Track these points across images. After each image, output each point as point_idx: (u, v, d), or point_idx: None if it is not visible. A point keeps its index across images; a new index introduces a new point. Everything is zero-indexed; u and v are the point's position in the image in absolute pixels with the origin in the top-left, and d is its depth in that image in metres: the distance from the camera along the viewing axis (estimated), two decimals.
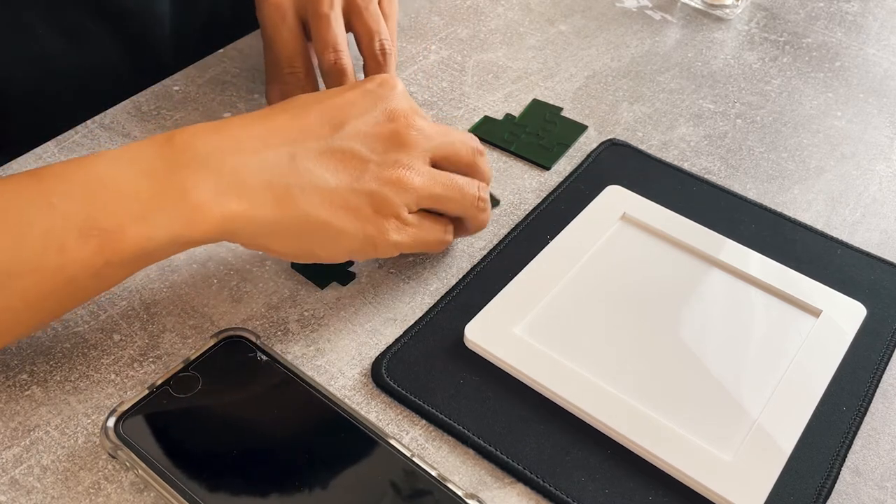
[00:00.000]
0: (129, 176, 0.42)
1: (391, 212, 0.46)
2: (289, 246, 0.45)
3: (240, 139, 0.44)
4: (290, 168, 0.44)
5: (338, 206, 0.45)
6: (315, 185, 0.44)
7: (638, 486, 0.43)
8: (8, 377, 0.46)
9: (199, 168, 0.42)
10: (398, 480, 0.41)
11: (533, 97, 0.66)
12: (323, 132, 0.46)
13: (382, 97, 0.48)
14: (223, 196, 0.42)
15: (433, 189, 0.47)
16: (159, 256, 0.43)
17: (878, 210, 0.59)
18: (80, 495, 0.41)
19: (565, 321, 0.49)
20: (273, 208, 0.43)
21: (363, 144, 0.46)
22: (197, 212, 0.42)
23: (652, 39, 0.73)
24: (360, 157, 0.46)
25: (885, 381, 0.49)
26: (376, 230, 0.46)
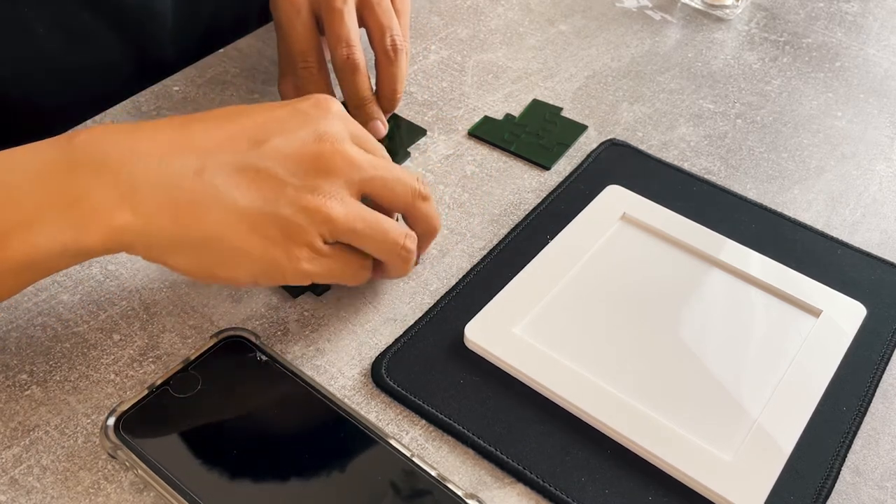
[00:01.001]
0: (21, 178, 0.40)
1: (303, 240, 0.43)
2: (187, 264, 0.42)
3: (146, 144, 0.41)
4: (195, 181, 0.41)
5: (244, 228, 0.41)
6: (221, 202, 0.41)
7: (638, 486, 0.43)
8: (8, 377, 0.46)
9: (94, 173, 0.40)
10: (398, 480, 0.41)
11: (533, 97, 0.66)
12: (240, 147, 0.42)
13: (314, 118, 0.44)
14: (117, 205, 0.40)
15: (353, 224, 0.44)
16: (51, 266, 0.40)
17: (879, 210, 0.59)
18: (80, 495, 0.41)
19: (565, 321, 0.49)
20: (169, 222, 0.40)
21: (282, 166, 0.42)
22: (87, 220, 0.39)
23: (652, 39, 0.73)
24: (276, 179, 0.42)
25: (885, 381, 0.49)
26: (286, 257, 0.42)
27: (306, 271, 0.43)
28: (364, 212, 0.44)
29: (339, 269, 0.45)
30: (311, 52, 0.56)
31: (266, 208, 0.42)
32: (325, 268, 0.44)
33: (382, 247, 0.46)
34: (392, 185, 0.46)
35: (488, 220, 0.56)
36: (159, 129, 0.42)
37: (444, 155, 0.61)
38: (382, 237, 0.45)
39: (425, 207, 0.48)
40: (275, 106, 0.45)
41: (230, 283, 0.44)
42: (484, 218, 0.56)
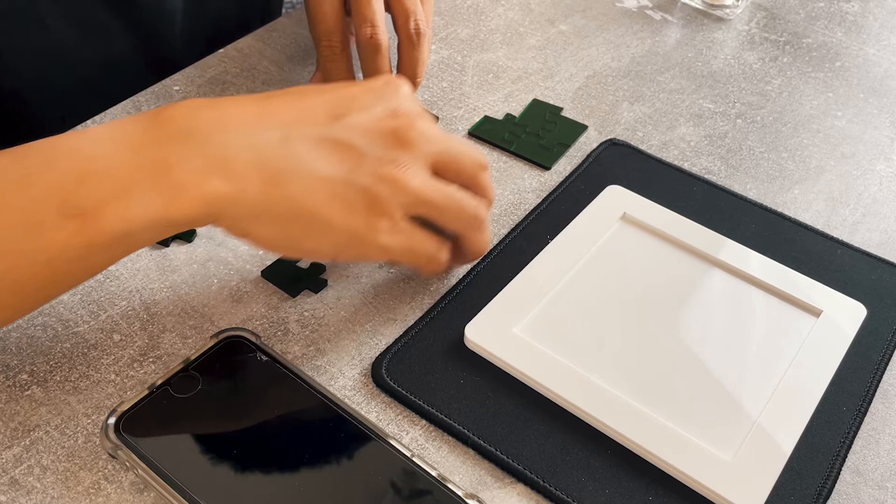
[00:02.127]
0: (111, 152, 0.40)
1: (384, 211, 0.43)
2: (273, 234, 0.43)
3: (231, 117, 0.42)
4: (282, 151, 0.42)
5: (328, 197, 0.42)
6: (307, 171, 0.42)
7: (638, 486, 0.43)
8: (8, 377, 0.46)
9: (183, 144, 0.40)
10: (398, 480, 0.41)
11: (533, 97, 0.66)
12: (320, 119, 0.44)
13: (386, 95, 0.46)
14: (207, 174, 0.40)
15: (430, 195, 0.45)
16: (142, 240, 0.41)
17: (879, 210, 0.59)
18: (80, 495, 0.41)
19: (565, 321, 0.49)
20: (260, 191, 0.41)
21: (361, 138, 0.44)
22: (179, 190, 0.39)
23: (652, 39, 0.73)
24: (356, 150, 0.43)
25: (886, 381, 0.49)
26: (366, 228, 0.43)
27: (386, 245, 0.44)
28: (438, 184, 0.45)
29: (417, 247, 0.46)
30: (336, 32, 0.57)
31: (348, 177, 0.43)
32: (403, 243, 0.45)
33: (460, 217, 0.47)
34: (461, 158, 0.47)
35: (488, 220, 0.56)
36: (242, 103, 0.43)
37: None
38: (459, 207, 0.46)
39: (486, 178, 0.49)
40: (348, 85, 0.47)
41: (313, 255, 0.45)
42: None
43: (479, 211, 0.47)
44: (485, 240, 0.49)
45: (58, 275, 0.40)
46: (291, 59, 0.67)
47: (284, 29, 0.70)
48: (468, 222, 0.47)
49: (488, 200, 0.49)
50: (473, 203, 0.47)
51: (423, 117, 0.46)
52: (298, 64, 0.67)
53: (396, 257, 0.45)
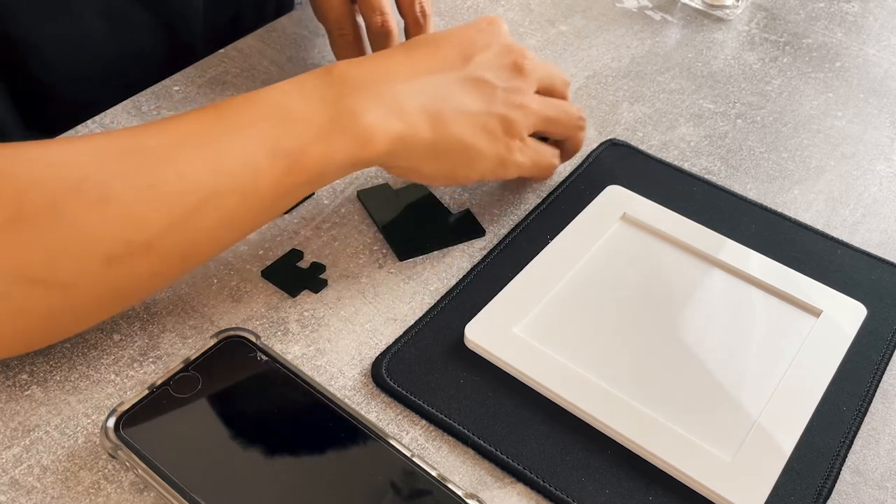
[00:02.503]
0: (303, 104, 0.46)
1: (517, 133, 0.51)
2: (437, 167, 0.50)
3: (390, 69, 0.49)
4: (438, 94, 0.49)
5: (479, 128, 0.50)
6: (460, 109, 0.49)
7: (638, 486, 0.43)
8: (8, 377, 0.46)
9: (363, 95, 0.46)
10: (398, 480, 0.41)
11: None
12: (458, 63, 0.51)
13: (496, 34, 0.53)
14: (388, 119, 0.46)
15: (548, 112, 0.53)
16: (333, 177, 0.47)
17: (879, 210, 0.59)
18: (80, 495, 0.41)
19: (565, 321, 0.49)
20: (429, 130, 0.48)
21: (491, 72, 0.51)
22: (368, 133, 0.46)
23: (652, 40, 0.73)
24: (491, 85, 0.51)
25: (886, 381, 0.49)
26: (506, 150, 0.51)
27: (521, 162, 0.52)
28: (549, 100, 0.54)
29: (542, 159, 0.54)
30: (346, 20, 0.60)
31: (489, 108, 0.50)
32: (532, 157, 0.53)
33: (569, 124, 0.55)
34: (555, 79, 0.56)
35: (488, 220, 0.56)
36: (392, 58, 0.50)
37: None
38: (568, 116, 0.55)
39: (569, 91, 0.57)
40: (461, 29, 0.53)
41: (464, 181, 0.52)
42: (484, 218, 0.56)
43: (580, 113, 0.56)
44: (583, 137, 0.57)
45: (266, 210, 0.46)
46: (291, 60, 0.67)
47: (284, 29, 0.70)
48: (574, 125, 0.56)
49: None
50: (574, 108, 0.56)
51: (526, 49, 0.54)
52: (298, 64, 0.67)
53: (526, 172, 0.54)
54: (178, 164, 0.42)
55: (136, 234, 0.41)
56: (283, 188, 0.45)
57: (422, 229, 0.55)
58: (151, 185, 0.42)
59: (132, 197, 0.41)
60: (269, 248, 0.53)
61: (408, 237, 0.54)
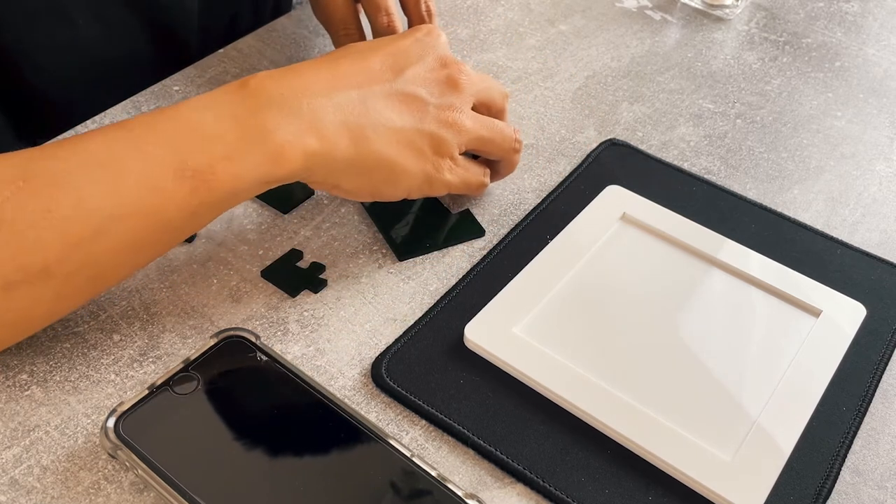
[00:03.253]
0: (214, 120, 0.44)
1: (447, 152, 0.50)
2: (358, 183, 0.48)
3: (311, 82, 0.47)
4: (361, 109, 0.47)
5: (404, 146, 0.48)
6: (384, 125, 0.47)
7: (638, 486, 0.43)
8: (8, 377, 0.46)
9: (277, 109, 0.45)
10: (398, 480, 0.41)
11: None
12: (386, 76, 0.49)
13: (432, 45, 0.51)
14: (304, 135, 0.45)
15: (482, 132, 0.51)
16: (246, 196, 0.45)
17: (878, 210, 0.59)
18: (80, 495, 0.41)
19: (565, 321, 0.49)
20: (348, 146, 0.46)
21: (423, 87, 0.49)
22: (280, 151, 0.44)
23: (652, 39, 0.73)
24: (421, 100, 0.49)
25: (885, 381, 0.49)
26: (434, 169, 0.49)
27: (450, 181, 0.51)
28: (484, 119, 0.52)
29: (471, 177, 0.53)
30: (349, 19, 0.60)
31: (419, 126, 0.48)
32: (460, 177, 0.51)
33: (503, 146, 0.53)
34: (493, 93, 0.54)
35: (488, 220, 0.56)
36: (315, 69, 0.48)
37: None
38: (502, 136, 0.53)
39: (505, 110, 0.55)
40: (396, 38, 0.51)
41: (390, 197, 0.50)
42: (484, 218, 0.56)
43: (516, 135, 0.54)
44: (518, 160, 0.55)
45: (172, 231, 0.44)
46: (291, 60, 0.67)
47: (284, 29, 0.70)
48: (509, 147, 0.54)
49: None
50: (510, 130, 0.54)
51: (461, 62, 0.52)
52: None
53: (455, 190, 0.52)
54: (77, 188, 0.41)
55: (32, 260, 0.40)
56: (191, 208, 0.43)
57: (421, 229, 0.55)
58: (47, 210, 0.41)
59: (26, 223, 0.40)
60: (268, 248, 0.53)
61: (407, 237, 0.54)
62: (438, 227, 0.55)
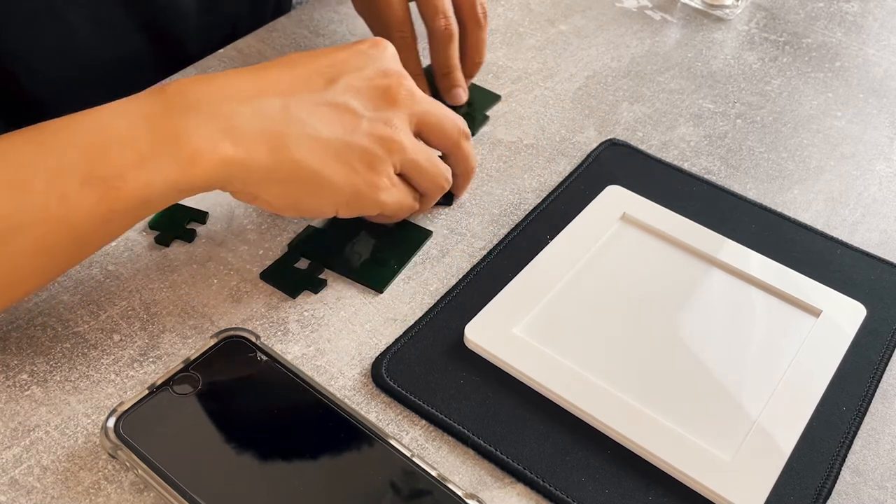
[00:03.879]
0: (126, 125, 0.42)
1: (382, 169, 0.47)
2: (279, 195, 0.46)
3: (233, 88, 0.45)
4: (284, 117, 0.44)
5: (330, 158, 0.45)
6: (308, 134, 0.45)
7: (638, 486, 0.43)
8: (8, 377, 0.46)
9: (194, 114, 0.43)
10: (398, 480, 0.41)
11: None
12: (316, 85, 0.46)
13: (375, 57, 0.49)
14: (218, 141, 0.43)
15: (417, 156, 0.48)
16: (160, 205, 0.43)
17: (878, 210, 0.59)
18: (80, 495, 0.41)
19: (565, 321, 0.49)
20: (266, 155, 0.44)
21: (356, 99, 0.47)
22: (193, 157, 0.42)
23: (652, 39, 0.73)
24: (352, 112, 0.46)
25: (885, 381, 0.49)
26: (366, 186, 0.46)
27: (382, 201, 0.48)
28: (422, 145, 0.49)
29: (405, 201, 0.50)
30: (406, 22, 0.60)
31: (347, 138, 0.46)
32: (396, 198, 0.48)
33: (434, 180, 0.50)
34: (444, 121, 0.50)
35: (488, 220, 0.56)
36: (240, 76, 0.46)
37: None
38: (436, 171, 0.50)
39: (468, 146, 0.52)
40: (336, 49, 0.49)
41: (313, 214, 0.48)
42: (484, 218, 0.56)
43: (447, 180, 0.51)
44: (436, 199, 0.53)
45: (82, 240, 0.43)
46: None
47: (284, 29, 0.70)
48: (438, 185, 0.51)
49: (470, 168, 0.53)
50: (445, 167, 0.51)
51: (409, 77, 0.49)
52: None
53: (387, 211, 0.49)
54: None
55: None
56: (100, 217, 0.42)
57: (379, 253, 0.53)
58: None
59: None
60: (268, 248, 0.53)
61: (371, 269, 0.52)
62: (393, 246, 0.54)
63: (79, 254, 0.44)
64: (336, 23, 0.71)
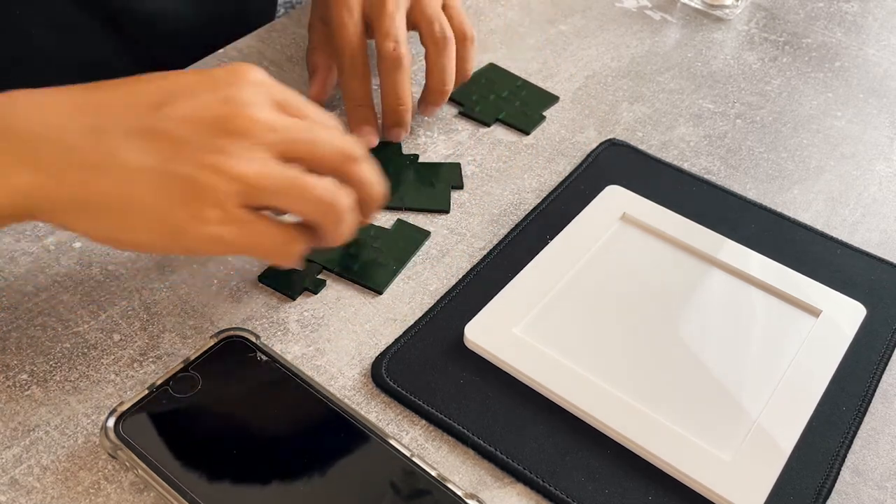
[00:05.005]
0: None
1: (211, 200, 0.40)
2: (92, 227, 0.42)
3: (49, 107, 0.41)
4: (93, 144, 0.41)
5: (140, 188, 0.40)
6: (117, 163, 0.40)
7: (638, 486, 0.43)
8: (8, 377, 0.46)
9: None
10: (398, 480, 0.41)
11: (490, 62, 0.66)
12: (139, 111, 0.41)
13: (223, 84, 0.43)
14: (15, 166, 0.40)
15: (263, 181, 0.41)
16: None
17: (878, 210, 0.59)
18: (80, 495, 0.41)
19: (565, 321, 0.49)
20: (70, 184, 0.40)
21: (181, 127, 0.41)
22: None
23: (652, 39, 0.73)
24: (173, 139, 0.41)
25: (885, 381, 0.49)
26: (188, 218, 0.41)
27: (216, 235, 0.41)
28: (281, 169, 0.42)
29: (259, 238, 0.42)
30: (360, 47, 0.57)
31: (162, 167, 0.40)
32: (239, 234, 0.41)
33: (307, 206, 0.43)
34: (318, 148, 0.43)
35: (488, 220, 0.56)
36: (67, 93, 0.42)
37: (443, 155, 0.60)
38: (302, 193, 0.42)
39: (358, 171, 0.45)
40: (189, 72, 0.44)
41: (135, 248, 0.43)
42: (484, 218, 0.56)
43: (334, 198, 0.43)
44: (342, 232, 0.45)
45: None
46: (291, 60, 0.67)
47: (284, 29, 0.70)
48: (318, 210, 0.43)
49: (367, 195, 0.46)
50: (327, 189, 0.43)
51: (261, 106, 0.42)
52: (298, 64, 0.67)
53: (235, 250, 0.43)
54: None
55: None
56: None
57: (376, 255, 0.53)
58: None
59: None
60: None
61: (368, 272, 0.52)
62: (392, 247, 0.53)
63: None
64: None
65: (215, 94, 0.42)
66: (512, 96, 0.65)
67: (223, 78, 0.43)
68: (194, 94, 0.42)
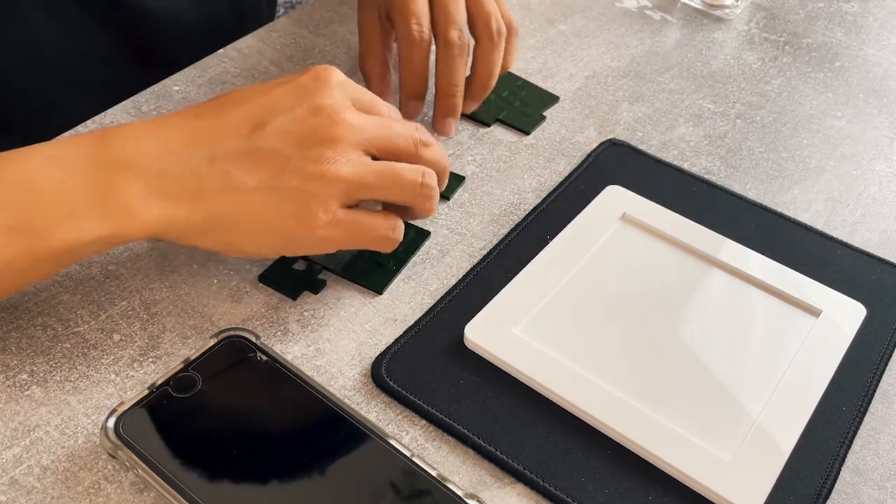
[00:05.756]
0: (58, 174, 0.43)
1: (317, 207, 0.45)
2: (214, 243, 0.46)
3: (165, 141, 0.45)
4: (210, 170, 0.44)
5: (257, 207, 0.45)
6: (233, 186, 0.44)
7: (638, 486, 0.43)
8: (8, 377, 0.46)
9: (126, 170, 0.43)
10: (398, 480, 0.41)
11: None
12: (243, 132, 0.45)
13: (311, 91, 0.46)
14: (148, 198, 0.43)
15: (363, 177, 0.46)
16: (87, 254, 0.44)
17: (878, 210, 0.59)
18: (80, 495, 0.41)
19: (565, 321, 0.49)
20: (192, 209, 0.44)
21: (284, 143, 0.45)
22: (123, 213, 0.43)
23: (652, 39, 0.73)
24: (279, 156, 0.45)
25: (885, 381, 0.49)
26: (300, 226, 0.45)
27: (325, 237, 0.46)
28: (373, 164, 0.47)
29: (366, 231, 0.47)
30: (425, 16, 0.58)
31: (274, 183, 0.45)
32: (347, 232, 0.46)
33: (402, 191, 0.48)
34: (396, 140, 0.48)
35: (488, 220, 0.56)
36: (176, 125, 0.46)
37: None
38: (396, 181, 0.47)
39: (429, 153, 0.50)
40: (275, 85, 0.47)
41: (257, 256, 0.48)
42: (484, 218, 0.56)
43: (424, 179, 0.48)
44: (430, 206, 0.50)
45: (3, 283, 0.44)
46: (291, 59, 0.67)
47: (284, 29, 0.70)
48: (411, 192, 0.48)
49: (439, 171, 0.51)
50: (416, 173, 0.48)
51: (346, 110, 0.46)
52: (298, 64, 0.67)
53: (346, 245, 0.47)
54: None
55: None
56: (23, 264, 0.42)
57: (375, 256, 0.53)
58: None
59: None
60: None
61: (368, 272, 0.52)
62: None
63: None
64: (336, 23, 0.71)
65: (305, 106, 0.46)
66: (512, 96, 0.65)
67: (308, 85, 0.47)
68: (287, 108, 0.46)
